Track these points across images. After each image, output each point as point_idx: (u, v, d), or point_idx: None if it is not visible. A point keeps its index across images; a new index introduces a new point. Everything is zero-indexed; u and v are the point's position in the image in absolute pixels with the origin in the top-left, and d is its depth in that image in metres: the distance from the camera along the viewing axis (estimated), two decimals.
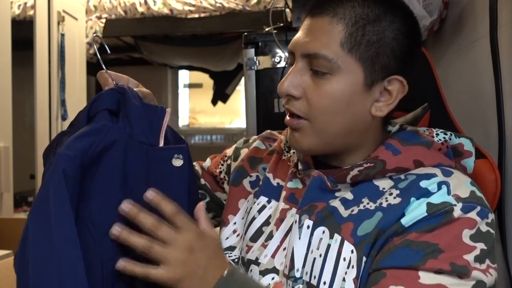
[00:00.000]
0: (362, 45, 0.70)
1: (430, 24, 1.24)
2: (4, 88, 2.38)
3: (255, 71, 1.79)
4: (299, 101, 0.72)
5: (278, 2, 2.06)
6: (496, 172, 0.81)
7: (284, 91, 0.72)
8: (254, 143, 0.92)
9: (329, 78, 0.70)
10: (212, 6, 3.47)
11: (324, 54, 0.69)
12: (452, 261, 0.62)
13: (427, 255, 0.63)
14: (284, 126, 0.79)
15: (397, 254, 0.64)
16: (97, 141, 0.66)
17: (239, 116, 5.50)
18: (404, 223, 0.66)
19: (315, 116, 0.72)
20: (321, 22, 0.71)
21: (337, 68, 0.70)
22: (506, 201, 0.91)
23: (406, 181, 0.70)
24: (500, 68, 0.93)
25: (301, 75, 0.72)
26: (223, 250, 0.81)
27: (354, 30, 0.69)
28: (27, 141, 2.93)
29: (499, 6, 0.94)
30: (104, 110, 0.70)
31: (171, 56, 4.41)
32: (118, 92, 0.72)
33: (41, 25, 2.83)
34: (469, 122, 1.10)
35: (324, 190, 0.74)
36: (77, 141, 0.65)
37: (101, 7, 3.68)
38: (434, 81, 0.96)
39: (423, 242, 0.64)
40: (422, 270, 0.62)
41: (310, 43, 0.71)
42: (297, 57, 0.73)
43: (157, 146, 0.70)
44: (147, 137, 0.70)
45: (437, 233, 0.64)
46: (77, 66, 3.25)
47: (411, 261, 0.63)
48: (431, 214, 0.65)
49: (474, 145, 0.76)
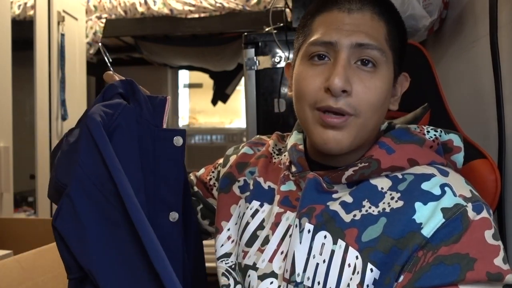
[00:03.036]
0: (396, 42, 0.74)
1: (430, 24, 1.24)
2: (4, 88, 2.38)
3: (255, 71, 1.79)
4: (349, 97, 0.69)
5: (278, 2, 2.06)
6: (496, 172, 0.81)
7: (341, 87, 0.68)
8: (242, 149, 0.92)
9: (375, 72, 0.71)
10: (212, 6, 3.47)
11: (378, 45, 0.70)
12: (488, 270, 0.62)
13: (464, 268, 0.62)
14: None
15: (433, 273, 0.63)
16: (116, 113, 0.73)
17: (239, 116, 5.50)
18: (426, 234, 0.65)
19: (362, 111, 0.70)
20: (363, 18, 0.72)
21: (384, 61, 0.71)
22: (506, 201, 0.91)
23: (405, 182, 0.70)
24: (500, 68, 0.93)
25: (349, 68, 0.70)
26: (219, 257, 0.81)
27: (390, 27, 0.74)
28: (27, 141, 2.92)
29: (499, 6, 0.94)
30: (117, 94, 0.78)
31: (171, 56, 4.41)
32: (127, 83, 0.80)
33: (41, 25, 2.83)
34: (469, 122, 1.11)
35: (320, 191, 0.74)
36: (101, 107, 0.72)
37: (101, 7, 3.68)
38: (434, 81, 0.96)
39: (455, 255, 0.63)
40: (462, 284, 0.61)
41: (361, 34, 0.70)
42: (343, 48, 0.70)
43: (161, 128, 0.79)
44: (153, 119, 0.79)
45: (464, 241, 0.63)
46: (77, 66, 3.25)
47: (450, 278, 0.62)
48: (448, 219, 0.65)
49: (462, 141, 0.77)
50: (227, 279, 0.79)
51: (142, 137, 0.77)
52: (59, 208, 0.67)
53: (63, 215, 0.66)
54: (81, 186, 0.66)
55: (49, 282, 1.12)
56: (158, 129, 0.79)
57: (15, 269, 1.03)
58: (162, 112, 0.80)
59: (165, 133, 0.80)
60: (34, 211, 2.94)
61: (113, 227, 0.65)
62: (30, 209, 3.36)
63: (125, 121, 0.74)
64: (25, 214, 3.28)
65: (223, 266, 0.80)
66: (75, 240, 0.65)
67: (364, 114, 0.70)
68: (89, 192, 0.66)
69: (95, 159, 0.66)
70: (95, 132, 0.66)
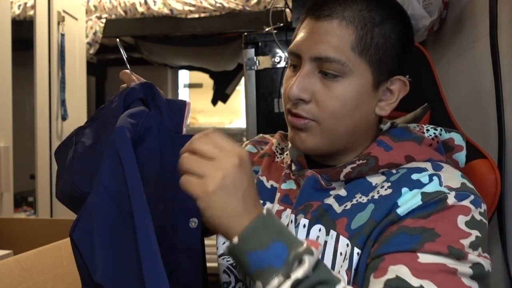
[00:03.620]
0: (371, 48, 0.71)
1: (430, 24, 1.24)
2: (4, 88, 2.38)
3: (255, 71, 1.79)
4: (308, 104, 0.72)
5: (278, 2, 2.06)
6: (496, 172, 0.81)
7: (295, 95, 0.71)
8: (246, 147, 0.92)
9: (340, 81, 0.70)
10: (212, 6, 3.47)
11: (337, 58, 0.69)
12: (450, 244, 0.62)
13: (424, 238, 0.63)
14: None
15: (394, 241, 0.64)
16: (140, 122, 0.72)
17: (239, 116, 5.49)
18: (399, 212, 0.67)
19: (325, 119, 0.71)
20: (329, 26, 0.71)
21: (348, 71, 0.70)
22: (506, 201, 0.91)
23: (397, 174, 0.71)
24: (500, 68, 0.93)
25: (309, 78, 0.72)
26: (221, 254, 0.81)
27: (363, 34, 0.70)
28: (27, 141, 2.92)
29: (499, 6, 0.94)
30: (138, 100, 0.76)
31: (171, 56, 4.41)
32: (147, 86, 0.78)
33: (41, 25, 2.82)
34: (469, 122, 1.11)
35: (318, 189, 0.75)
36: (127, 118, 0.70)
37: (101, 7, 3.68)
38: (434, 81, 0.96)
39: (419, 228, 0.64)
40: (420, 252, 0.62)
41: (321, 47, 0.70)
42: (305, 60, 0.72)
43: (180, 134, 0.79)
44: (173, 125, 0.78)
45: (433, 218, 0.64)
46: (77, 66, 3.25)
47: (409, 245, 0.63)
48: (425, 202, 0.66)
49: (465, 140, 0.77)
50: (228, 277, 0.79)
51: (162, 144, 0.76)
52: (78, 219, 0.66)
53: (80, 227, 0.66)
54: (101, 203, 0.65)
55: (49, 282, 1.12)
56: (178, 135, 0.78)
57: (15, 269, 1.03)
58: (181, 117, 0.80)
59: (185, 139, 0.75)
60: (34, 211, 2.94)
61: (126, 250, 0.63)
62: (30, 209, 3.36)
63: (148, 130, 0.73)
64: (25, 214, 3.28)
65: (224, 264, 0.81)
66: (91, 254, 0.65)
67: (327, 121, 0.71)
68: (108, 211, 0.65)
69: (119, 178, 0.63)
70: (123, 153, 0.64)
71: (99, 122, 0.78)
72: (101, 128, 0.77)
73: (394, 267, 0.61)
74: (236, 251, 0.56)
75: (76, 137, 0.80)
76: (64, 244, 1.20)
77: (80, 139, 0.79)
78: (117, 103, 0.76)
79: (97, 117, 0.80)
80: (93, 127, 0.79)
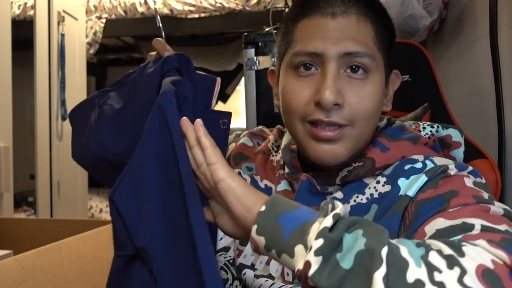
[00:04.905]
0: (385, 42, 0.71)
1: (430, 24, 1.24)
2: (4, 88, 2.38)
3: (255, 71, 1.79)
4: (342, 109, 0.66)
5: (278, 2, 2.06)
6: (496, 172, 0.81)
7: (332, 101, 0.64)
8: (242, 139, 0.89)
9: (366, 79, 0.68)
10: (212, 6, 3.47)
11: (367, 52, 0.67)
12: (474, 194, 0.60)
13: (447, 197, 0.60)
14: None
15: (419, 214, 0.60)
16: (180, 90, 0.72)
17: (239, 116, 5.49)
18: (411, 194, 0.65)
19: (358, 121, 0.67)
20: (349, 21, 0.68)
21: (375, 66, 0.68)
22: (506, 201, 0.91)
23: (390, 167, 0.70)
24: (500, 68, 0.93)
25: (339, 79, 0.66)
26: (218, 250, 0.81)
27: (378, 28, 0.70)
28: (27, 141, 2.93)
29: (499, 6, 0.94)
30: (174, 69, 0.76)
31: None
32: (182, 57, 0.78)
33: (41, 25, 2.83)
34: (469, 122, 1.11)
35: (314, 193, 0.72)
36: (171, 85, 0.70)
37: (101, 7, 3.68)
38: (434, 81, 0.96)
39: (436, 195, 0.61)
40: (450, 208, 0.58)
41: (348, 42, 0.66)
42: (330, 58, 0.66)
43: (209, 108, 0.79)
44: (204, 99, 0.78)
45: (442, 183, 0.63)
46: (77, 66, 3.25)
47: (436, 209, 0.59)
48: (430, 177, 0.65)
49: (463, 136, 0.76)
50: (226, 273, 0.79)
51: (195, 116, 0.74)
52: (119, 182, 0.65)
53: (123, 190, 0.65)
54: (148, 166, 0.64)
55: (49, 282, 1.12)
56: (208, 109, 0.78)
57: (15, 269, 1.03)
58: (211, 92, 0.79)
59: (213, 115, 0.78)
60: (34, 211, 2.94)
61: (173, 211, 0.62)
62: (30, 209, 3.36)
63: (185, 100, 0.72)
64: (25, 214, 3.28)
65: (222, 260, 0.80)
66: (134, 217, 0.64)
67: (359, 124, 0.67)
68: (154, 174, 0.64)
69: (166, 141, 0.63)
70: (170, 116, 0.64)
71: (127, 86, 0.79)
72: (131, 92, 0.77)
73: (429, 226, 0.57)
74: (264, 219, 0.54)
75: (98, 99, 0.80)
76: (64, 244, 1.20)
77: (106, 102, 0.79)
78: (154, 70, 0.75)
79: (122, 81, 0.80)
80: (119, 91, 0.80)
